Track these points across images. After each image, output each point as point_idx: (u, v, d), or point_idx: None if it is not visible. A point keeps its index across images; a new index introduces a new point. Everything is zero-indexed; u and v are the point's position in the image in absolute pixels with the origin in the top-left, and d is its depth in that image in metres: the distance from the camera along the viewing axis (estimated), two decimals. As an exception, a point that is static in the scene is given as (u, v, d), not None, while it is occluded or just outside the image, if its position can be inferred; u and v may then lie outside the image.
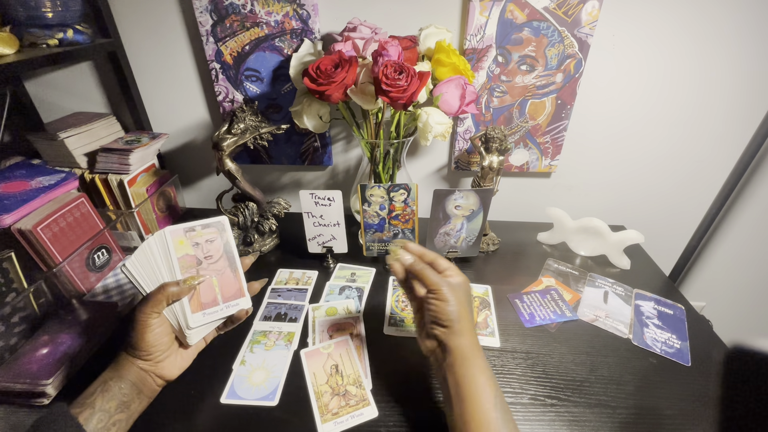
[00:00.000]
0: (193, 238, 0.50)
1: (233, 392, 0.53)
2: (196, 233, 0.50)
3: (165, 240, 0.48)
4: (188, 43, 0.79)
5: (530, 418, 0.51)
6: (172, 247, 0.48)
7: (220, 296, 0.50)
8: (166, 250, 0.48)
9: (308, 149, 0.89)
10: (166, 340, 0.47)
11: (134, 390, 0.44)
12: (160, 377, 0.47)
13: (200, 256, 0.50)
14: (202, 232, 0.51)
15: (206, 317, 0.48)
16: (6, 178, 0.68)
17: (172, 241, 0.48)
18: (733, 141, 0.83)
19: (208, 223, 0.51)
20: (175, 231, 0.49)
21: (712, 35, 0.73)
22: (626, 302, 0.69)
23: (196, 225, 0.50)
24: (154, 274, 0.47)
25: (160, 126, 0.89)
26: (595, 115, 0.83)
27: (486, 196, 0.69)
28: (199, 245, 0.50)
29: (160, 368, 0.46)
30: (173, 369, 0.48)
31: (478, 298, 0.69)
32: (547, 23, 0.72)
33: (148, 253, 0.47)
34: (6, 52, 0.61)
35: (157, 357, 0.46)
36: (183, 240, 0.49)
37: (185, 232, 0.50)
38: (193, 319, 0.47)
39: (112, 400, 0.42)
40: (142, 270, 0.47)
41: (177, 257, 0.48)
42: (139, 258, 0.47)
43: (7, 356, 0.54)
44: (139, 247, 0.47)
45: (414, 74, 0.59)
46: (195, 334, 0.49)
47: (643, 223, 0.93)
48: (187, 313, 0.47)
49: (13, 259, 0.58)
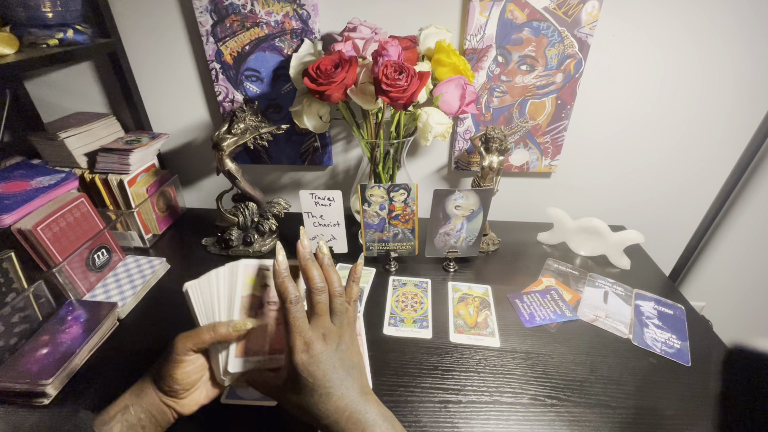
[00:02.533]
0: (265, 278, 0.45)
1: (233, 392, 0.53)
2: (269, 273, 0.45)
3: (236, 273, 0.44)
4: (188, 43, 0.79)
5: (530, 418, 0.51)
6: (241, 284, 0.44)
7: (268, 347, 0.44)
8: (233, 284, 0.44)
9: (308, 149, 0.89)
10: (195, 379, 0.43)
11: (152, 421, 0.42)
12: (177, 412, 0.44)
13: (265, 299, 0.45)
14: None
15: (246, 365, 0.43)
16: (6, 178, 0.68)
17: (242, 277, 0.44)
18: (733, 141, 0.83)
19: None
20: (250, 266, 0.44)
21: (713, 35, 0.73)
22: (626, 302, 0.69)
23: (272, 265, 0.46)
24: (212, 307, 0.43)
25: (160, 126, 0.89)
26: (595, 115, 0.83)
27: (486, 196, 0.69)
28: (267, 288, 0.45)
29: (181, 405, 0.43)
30: (192, 406, 0.44)
31: (478, 298, 0.69)
32: (547, 23, 0.72)
33: (213, 282, 0.43)
34: (6, 52, 0.61)
35: (180, 394, 0.43)
36: (254, 278, 0.44)
37: (260, 270, 0.45)
38: (233, 364, 0.43)
39: (130, 429, 0.40)
40: (202, 298, 0.43)
41: (242, 295, 0.44)
42: (203, 284, 0.43)
43: (7, 356, 0.54)
44: (208, 272, 0.43)
45: (414, 74, 0.59)
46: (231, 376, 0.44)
47: (643, 223, 0.93)
48: (231, 356, 0.43)
49: (13, 259, 0.58)
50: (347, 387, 0.39)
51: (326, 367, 0.38)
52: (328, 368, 0.38)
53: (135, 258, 0.76)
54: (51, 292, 0.63)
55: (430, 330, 0.63)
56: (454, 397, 0.53)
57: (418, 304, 0.68)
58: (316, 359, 0.38)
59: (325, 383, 0.38)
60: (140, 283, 0.70)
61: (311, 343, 0.38)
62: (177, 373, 0.42)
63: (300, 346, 0.38)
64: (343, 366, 0.40)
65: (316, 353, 0.38)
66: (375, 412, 0.38)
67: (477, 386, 0.55)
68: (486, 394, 0.54)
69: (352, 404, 0.38)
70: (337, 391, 0.38)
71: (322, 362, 0.38)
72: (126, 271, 0.73)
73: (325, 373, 0.38)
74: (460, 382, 0.55)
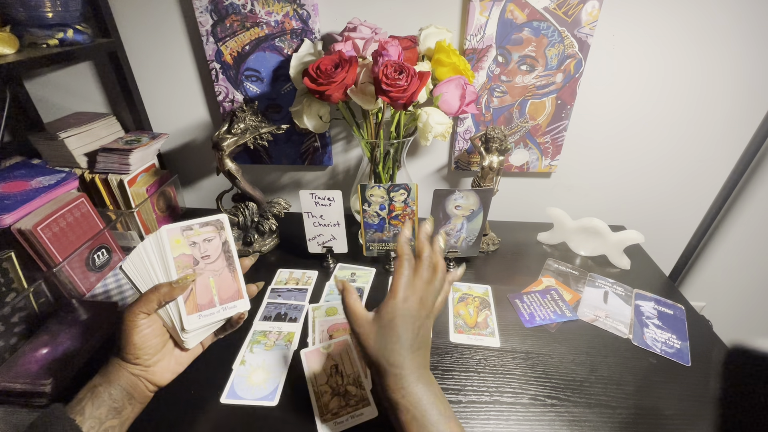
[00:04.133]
0: (190, 237, 0.48)
1: (233, 392, 0.53)
2: (193, 232, 0.48)
3: (161, 239, 0.46)
4: (188, 43, 0.79)
5: (530, 418, 0.51)
6: (168, 247, 0.47)
7: (217, 298, 0.48)
8: (161, 250, 0.46)
9: (308, 149, 0.89)
10: (155, 343, 0.44)
11: (125, 396, 0.42)
12: (151, 383, 0.45)
13: (197, 255, 0.48)
14: (200, 230, 0.49)
15: (202, 319, 0.46)
16: (6, 178, 0.68)
17: (168, 241, 0.47)
18: (733, 141, 0.83)
19: (206, 221, 0.49)
20: (172, 230, 0.47)
21: (713, 35, 0.73)
22: (626, 302, 0.69)
23: (194, 223, 0.49)
24: (149, 275, 0.46)
25: (160, 126, 0.89)
26: (595, 115, 0.83)
27: (486, 196, 0.69)
28: (196, 244, 0.48)
29: (151, 373, 0.44)
30: (165, 374, 0.46)
31: (478, 298, 0.69)
32: (547, 23, 0.72)
33: (143, 254, 0.46)
34: (6, 52, 0.62)
35: (146, 361, 0.44)
36: (180, 239, 0.47)
37: (182, 231, 0.48)
38: (188, 321, 0.46)
39: (101, 406, 0.41)
40: (138, 271, 0.45)
41: (173, 257, 0.47)
42: (135, 259, 0.45)
43: (7, 356, 0.54)
44: (136, 247, 0.46)
45: (414, 74, 0.59)
46: (192, 337, 0.47)
47: (643, 223, 0.93)
48: (183, 314, 0.45)
49: (13, 259, 0.58)
50: (421, 354, 0.42)
51: (413, 326, 0.42)
52: (413, 327, 0.42)
53: (135, 258, 0.76)
54: (51, 292, 0.63)
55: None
56: (454, 397, 0.53)
57: (418, 304, 0.68)
58: (410, 313, 0.42)
59: (408, 338, 0.41)
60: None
61: (409, 297, 0.43)
62: (135, 338, 0.43)
63: (401, 293, 0.42)
64: (424, 336, 0.43)
65: (411, 307, 0.42)
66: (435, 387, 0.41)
67: (477, 386, 0.55)
68: (486, 394, 0.54)
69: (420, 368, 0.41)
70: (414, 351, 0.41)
71: (412, 318, 0.42)
72: (126, 271, 0.73)
73: (410, 328, 0.41)
74: (460, 382, 0.55)
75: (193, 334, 0.47)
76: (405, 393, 0.39)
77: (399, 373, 0.40)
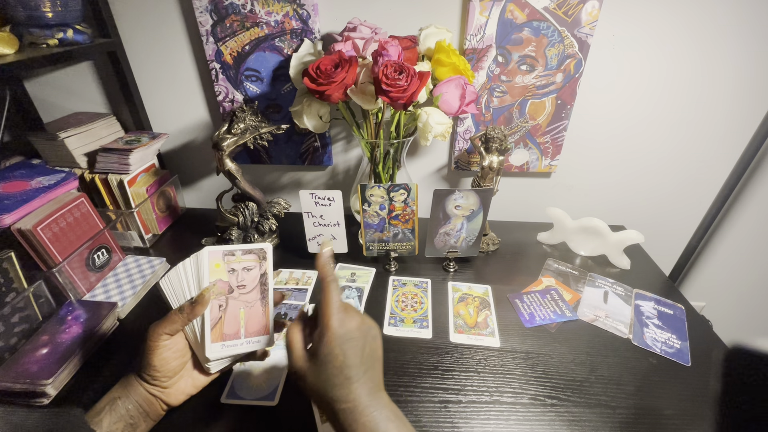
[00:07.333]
0: (231, 262, 0.47)
1: (233, 392, 0.53)
2: (235, 258, 0.47)
3: (201, 261, 0.46)
4: (188, 43, 0.79)
5: (530, 418, 0.51)
6: (207, 270, 0.45)
7: (243, 330, 0.46)
8: (200, 272, 0.45)
9: (308, 149, 0.89)
10: (175, 366, 0.44)
11: (141, 413, 0.43)
12: (165, 403, 0.45)
13: (233, 283, 0.47)
14: (242, 257, 0.47)
15: (225, 350, 0.45)
16: (6, 178, 0.68)
17: (207, 264, 0.46)
18: (733, 141, 0.83)
19: (250, 249, 0.48)
20: (214, 253, 0.46)
21: (713, 35, 0.73)
22: (626, 302, 0.69)
23: (237, 249, 0.47)
24: (184, 295, 0.45)
25: (160, 126, 0.89)
26: (595, 115, 0.83)
27: (486, 196, 0.69)
28: (235, 272, 0.47)
29: (166, 394, 0.45)
30: (179, 396, 0.46)
31: (478, 298, 0.69)
32: (547, 23, 0.72)
33: (181, 273, 0.45)
34: (6, 52, 0.61)
35: (163, 383, 0.44)
36: (220, 263, 0.46)
37: (224, 256, 0.47)
38: (210, 350, 0.44)
39: (119, 421, 0.41)
40: (174, 289, 0.45)
41: (209, 281, 0.45)
42: (172, 276, 0.45)
43: (7, 356, 0.54)
44: (177, 265, 0.45)
45: (414, 74, 0.59)
46: (216, 364, 0.46)
47: (643, 223, 0.93)
48: (207, 342, 0.44)
49: (13, 259, 0.58)
50: (369, 377, 0.39)
51: (356, 350, 0.38)
52: (357, 351, 0.38)
53: (135, 258, 0.76)
54: (51, 292, 0.63)
55: (430, 330, 0.63)
56: (454, 397, 0.53)
57: (418, 304, 0.68)
58: (349, 337, 0.38)
59: (352, 365, 0.38)
60: (140, 283, 0.70)
61: (345, 321, 0.39)
62: (155, 360, 0.43)
63: (336, 321, 0.38)
64: (372, 355, 0.40)
65: (351, 330, 0.39)
66: (390, 410, 0.38)
67: (477, 386, 0.55)
68: (486, 394, 0.54)
69: (370, 395, 0.38)
70: (360, 378, 0.38)
71: (353, 341, 0.38)
72: (126, 271, 0.73)
73: (354, 354, 0.38)
74: (460, 382, 0.55)
75: (215, 363, 0.46)
76: (358, 426, 0.36)
77: (347, 407, 0.37)
